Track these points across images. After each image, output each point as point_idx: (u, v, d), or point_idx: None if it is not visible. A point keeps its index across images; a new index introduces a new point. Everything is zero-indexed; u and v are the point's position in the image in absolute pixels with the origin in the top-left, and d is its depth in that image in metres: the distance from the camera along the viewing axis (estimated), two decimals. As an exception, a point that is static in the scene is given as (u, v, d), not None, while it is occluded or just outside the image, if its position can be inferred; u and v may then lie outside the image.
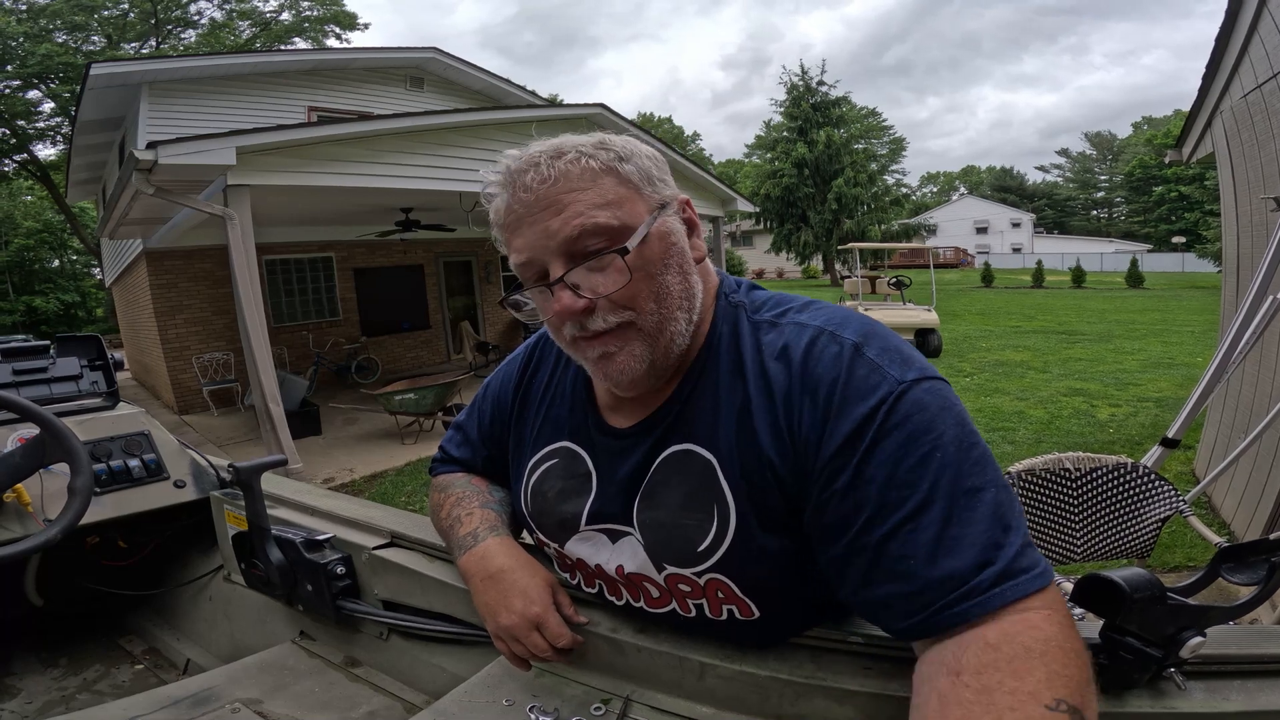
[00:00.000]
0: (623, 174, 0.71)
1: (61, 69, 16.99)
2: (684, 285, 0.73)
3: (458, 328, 12.32)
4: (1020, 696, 0.51)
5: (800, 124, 29.25)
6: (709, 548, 0.72)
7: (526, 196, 0.70)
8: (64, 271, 26.89)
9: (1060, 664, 0.53)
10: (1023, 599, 0.56)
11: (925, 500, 0.59)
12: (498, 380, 1.00)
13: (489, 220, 0.77)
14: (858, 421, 0.62)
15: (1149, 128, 58.10)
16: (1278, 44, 3.04)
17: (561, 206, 0.69)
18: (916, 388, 0.63)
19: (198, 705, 1.17)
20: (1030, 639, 0.54)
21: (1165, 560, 3.34)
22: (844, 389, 0.64)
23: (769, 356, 0.71)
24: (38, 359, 1.78)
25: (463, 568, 0.91)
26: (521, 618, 0.83)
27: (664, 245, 0.72)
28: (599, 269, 0.69)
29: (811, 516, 0.67)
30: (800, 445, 0.66)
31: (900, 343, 0.68)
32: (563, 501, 0.85)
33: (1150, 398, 7.09)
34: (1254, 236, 3.53)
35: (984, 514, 0.58)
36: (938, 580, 0.57)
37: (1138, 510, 1.89)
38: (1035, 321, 15.11)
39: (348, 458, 6.41)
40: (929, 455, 0.60)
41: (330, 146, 5.91)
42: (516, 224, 0.72)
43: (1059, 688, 0.51)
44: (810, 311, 0.74)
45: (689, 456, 0.75)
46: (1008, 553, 0.57)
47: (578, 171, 0.70)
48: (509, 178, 0.72)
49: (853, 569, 0.63)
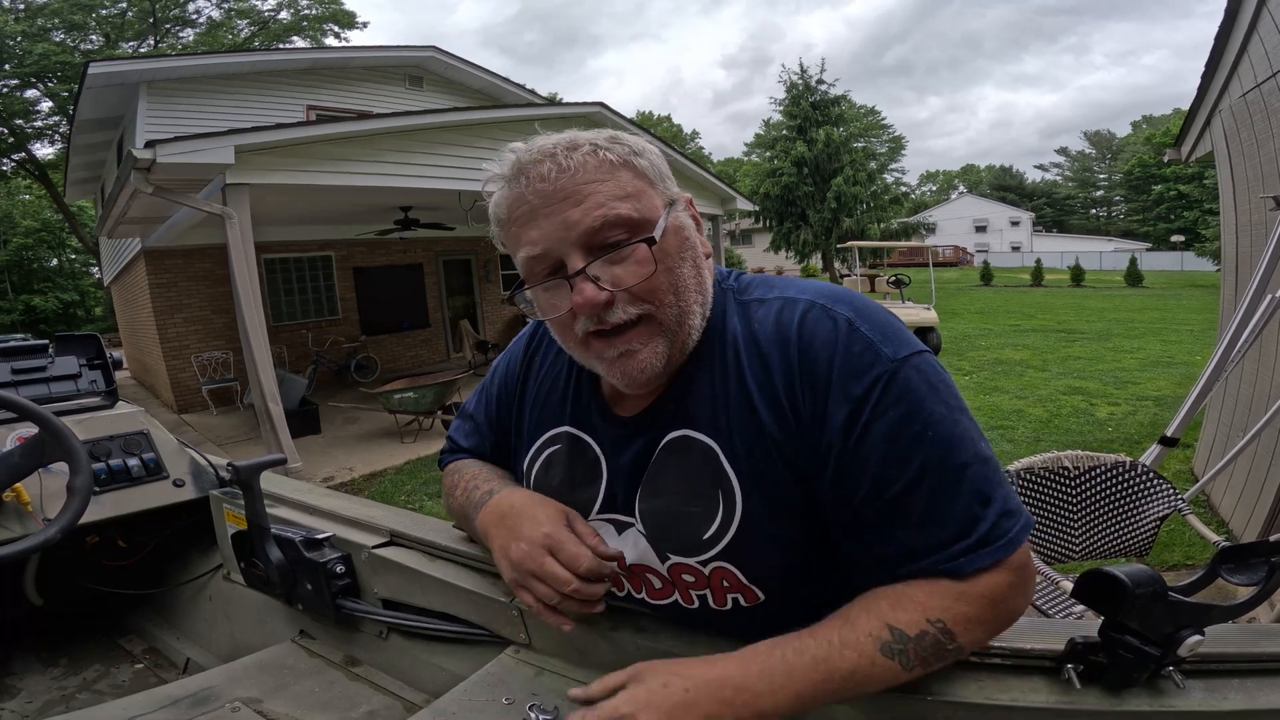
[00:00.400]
0: (639, 168, 0.71)
1: (59, 68, 16.95)
2: (698, 279, 0.73)
3: (457, 326, 12.32)
4: (917, 606, 0.63)
5: (800, 122, 29.23)
6: (714, 535, 0.72)
7: (543, 187, 0.68)
8: (62, 270, 26.84)
9: (954, 601, 0.63)
10: (987, 565, 0.64)
11: (915, 478, 0.64)
12: (504, 363, 0.98)
13: (489, 215, 0.75)
14: (855, 400, 0.65)
15: (1148, 127, 58.14)
16: (1277, 43, 3.04)
17: (581, 197, 0.68)
18: (907, 365, 0.65)
19: (197, 704, 1.17)
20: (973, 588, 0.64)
21: (1164, 559, 3.34)
22: (842, 365, 0.66)
23: (762, 333, 0.71)
24: (36, 358, 1.78)
25: (481, 523, 0.87)
26: (530, 543, 0.77)
27: (679, 239, 0.72)
28: (619, 260, 0.69)
29: (818, 484, 0.69)
30: (801, 419, 0.68)
31: (890, 317, 0.70)
32: (573, 488, 0.83)
33: (1149, 396, 7.10)
34: (1253, 235, 3.54)
35: (966, 489, 0.64)
36: (923, 548, 0.64)
37: (1136, 508, 1.89)
38: (1034, 320, 15.12)
39: (347, 457, 6.41)
40: (920, 435, 0.64)
41: (329, 145, 5.90)
42: (529, 215, 0.69)
43: (941, 611, 0.63)
44: (797, 287, 0.75)
45: (688, 442, 0.74)
46: (982, 527, 0.63)
47: (595, 163, 0.69)
48: (519, 169, 0.70)
49: (855, 533, 0.68)
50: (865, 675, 0.63)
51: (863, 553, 0.68)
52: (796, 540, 0.71)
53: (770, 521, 0.70)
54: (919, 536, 0.64)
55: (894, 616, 0.64)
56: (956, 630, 0.63)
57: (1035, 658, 0.69)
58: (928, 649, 0.63)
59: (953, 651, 0.64)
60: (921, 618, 0.63)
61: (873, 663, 0.63)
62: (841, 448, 0.66)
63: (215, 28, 20.47)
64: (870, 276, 13.71)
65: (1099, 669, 0.65)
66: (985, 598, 0.64)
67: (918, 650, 0.63)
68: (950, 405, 0.66)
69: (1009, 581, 0.64)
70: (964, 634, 0.64)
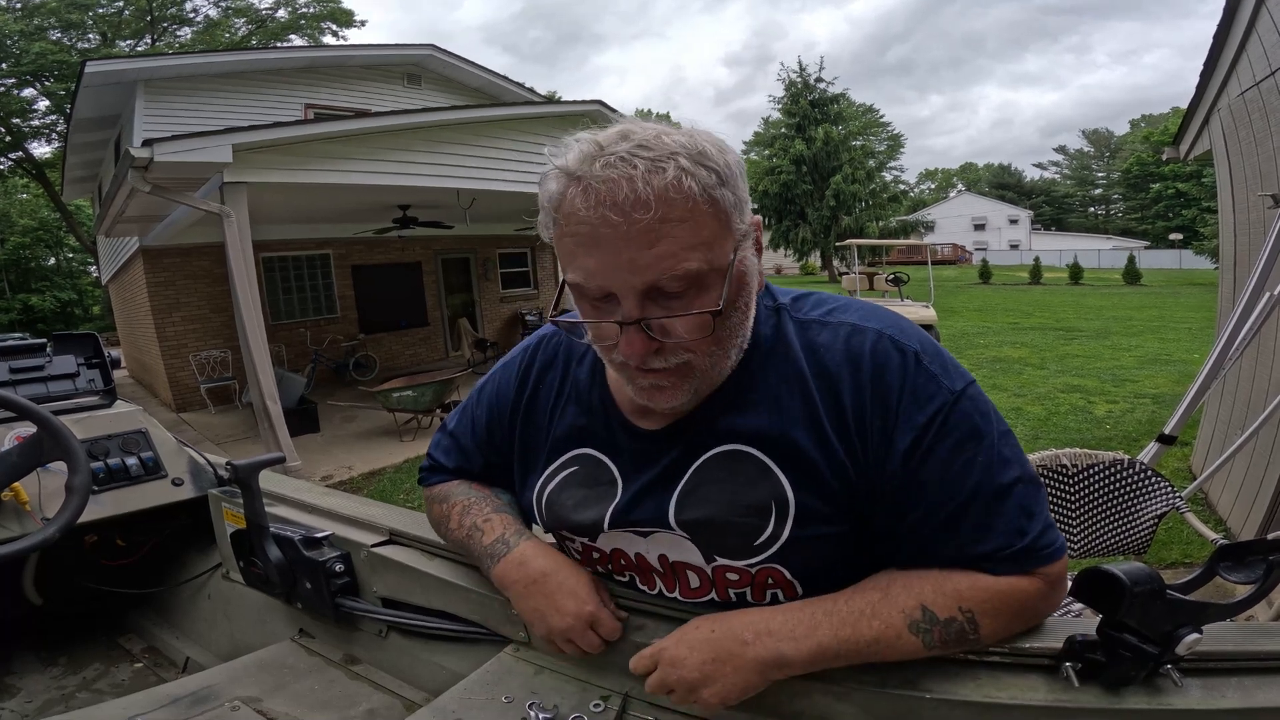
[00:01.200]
0: (722, 204, 0.65)
1: (56, 67, 16.91)
2: (744, 324, 0.73)
3: (456, 325, 12.31)
4: (955, 593, 0.68)
5: (798, 121, 29.24)
6: (766, 541, 0.74)
7: (614, 216, 0.61)
8: (60, 269, 26.81)
9: (990, 597, 0.68)
10: (1030, 570, 0.69)
11: (968, 500, 0.69)
12: (492, 386, 0.96)
13: (540, 198, 0.69)
14: (918, 429, 0.70)
15: (1146, 125, 58.14)
16: (1275, 42, 3.04)
17: (654, 240, 0.62)
18: (964, 397, 0.71)
19: (197, 704, 1.16)
20: (1006, 586, 0.69)
21: (1162, 557, 3.35)
22: (909, 395, 0.70)
23: (830, 356, 0.74)
24: (34, 357, 1.78)
25: (499, 576, 0.88)
26: (576, 618, 0.82)
27: (738, 288, 0.69)
28: (680, 310, 0.66)
29: (873, 502, 0.73)
30: (868, 441, 0.71)
31: (944, 350, 0.75)
32: (586, 506, 0.84)
33: (1147, 394, 7.11)
34: (1251, 233, 3.54)
35: (1012, 506, 0.69)
36: (969, 558, 0.69)
37: (1134, 506, 1.90)
38: (1033, 318, 15.13)
39: (346, 455, 6.41)
40: (972, 460, 0.69)
41: (327, 144, 5.89)
42: (591, 239, 0.63)
43: (976, 604, 0.68)
44: (857, 311, 0.77)
45: (740, 455, 0.76)
46: (1028, 538, 0.69)
47: (678, 197, 0.62)
48: (589, 175, 0.62)
49: (906, 543, 0.73)
50: (888, 646, 0.68)
51: (913, 555, 0.72)
52: (844, 540, 0.75)
53: (821, 526, 0.74)
54: (968, 547, 0.69)
55: (931, 598, 0.68)
56: (983, 623, 0.68)
57: (1033, 656, 0.70)
58: (952, 634, 0.68)
59: (973, 641, 0.69)
60: (955, 605, 0.68)
61: (898, 636, 0.67)
62: (903, 471, 0.70)
63: (213, 26, 20.41)
64: (869, 274, 13.69)
65: (1097, 667, 0.65)
66: (1019, 600, 0.69)
67: (943, 634, 0.67)
68: (999, 431, 0.71)
69: (1043, 589, 0.70)
70: (988, 629, 0.68)
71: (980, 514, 0.68)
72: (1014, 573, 0.68)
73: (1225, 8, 3.46)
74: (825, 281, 28.11)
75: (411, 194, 7.53)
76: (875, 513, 0.73)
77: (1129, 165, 52.11)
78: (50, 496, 1.49)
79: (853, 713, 0.72)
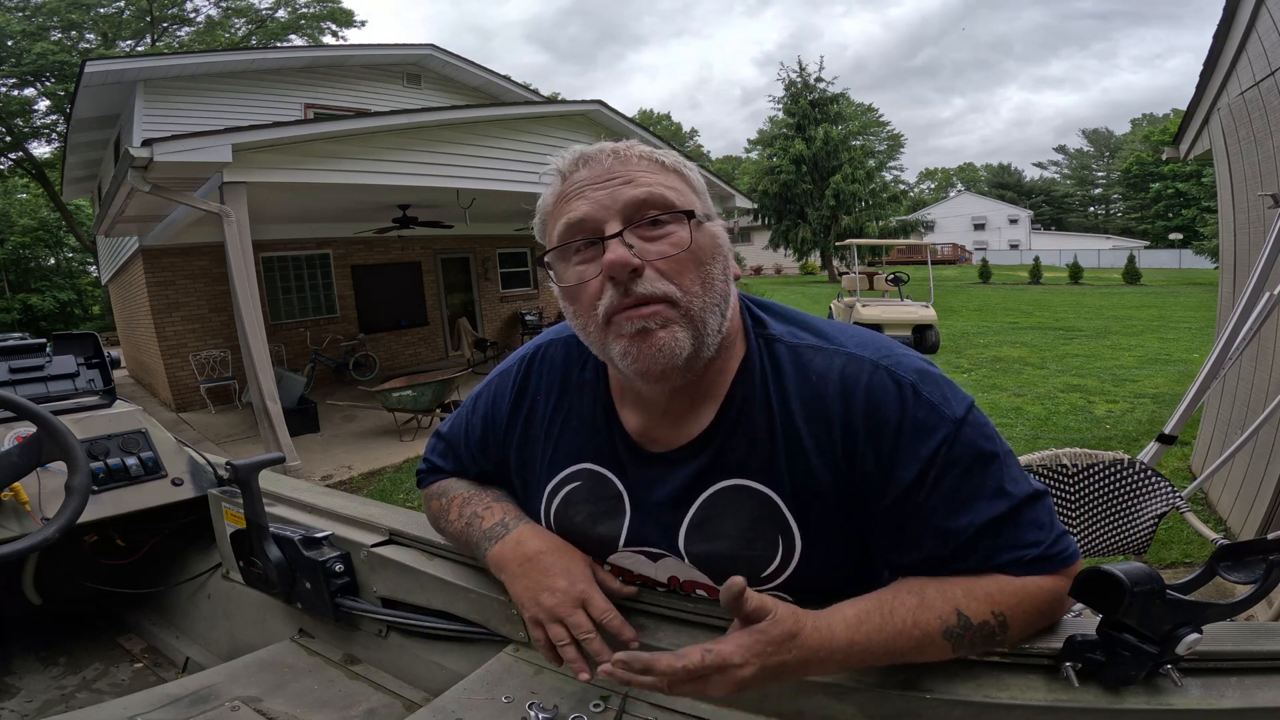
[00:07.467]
0: (687, 177, 0.77)
1: (56, 67, 16.89)
2: (725, 285, 0.75)
3: (456, 324, 12.30)
4: (988, 598, 0.68)
5: (798, 120, 29.23)
6: (774, 572, 0.77)
7: (598, 169, 0.74)
8: (60, 269, 26.78)
9: (1020, 599, 0.69)
10: (1055, 571, 0.70)
11: (983, 523, 0.70)
12: (488, 395, 0.95)
13: (537, 207, 0.79)
14: (924, 461, 0.70)
15: (1147, 125, 58.15)
16: (1275, 41, 3.04)
17: (632, 178, 0.73)
18: (965, 424, 0.71)
19: (197, 703, 1.16)
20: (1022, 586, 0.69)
21: (1162, 557, 3.35)
22: (911, 428, 0.70)
23: (822, 387, 0.74)
24: (34, 357, 1.78)
25: (495, 557, 0.88)
26: (566, 595, 0.80)
27: (713, 243, 0.75)
28: (655, 237, 0.72)
29: (877, 532, 0.75)
30: (865, 478, 0.72)
31: (939, 373, 0.75)
32: (595, 524, 0.85)
33: (1147, 394, 7.11)
34: (1251, 233, 3.54)
35: (1026, 521, 0.70)
36: (989, 568, 0.71)
37: (1134, 506, 1.89)
38: (1032, 318, 15.13)
39: (346, 455, 6.41)
40: (979, 487, 0.70)
41: (327, 144, 5.89)
42: (578, 192, 0.73)
43: (1008, 606, 0.68)
44: (851, 338, 0.77)
45: (744, 492, 0.77)
46: (1044, 546, 0.70)
47: (649, 162, 0.75)
48: (576, 162, 0.76)
49: (921, 569, 0.73)
50: (918, 650, 0.68)
51: (933, 573, 0.73)
52: (849, 564, 0.78)
53: (826, 555, 0.76)
54: (986, 563, 0.70)
55: (965, 603, 0.68)
56: (1013, 625, 0.69)
57: (1033, 655, 0.70)
58: (981, 638, 0.68)
59: (998, 643, 0.69)
60: (988, 609, 0.68)
61: (932, 641, 0.68)
62: (911, 502, 0.71)
63: (213, 26, 20.41)
64: (869, 274, 13.67)
65: (1097, 667, 0.65)
66: (1045, 600, 0.70)
67: (973, 637, 0.68)
68: (1001, 451, 0.72)
69: (1064, 589, 0.71)
70: (1016, 630, 0.69)
71: (994, 534, 0.69)
72: (1038, 573, 0.70)
73: (1225, 8, 3.46)
74: (825, 281, 28.11)
75: (411, 194, 7.53)
76: (877, 540, 0.75)
77: (1129, 165, 52.11)
78: (50, 496, 1.49)
79: (853, 713, 0.72)
